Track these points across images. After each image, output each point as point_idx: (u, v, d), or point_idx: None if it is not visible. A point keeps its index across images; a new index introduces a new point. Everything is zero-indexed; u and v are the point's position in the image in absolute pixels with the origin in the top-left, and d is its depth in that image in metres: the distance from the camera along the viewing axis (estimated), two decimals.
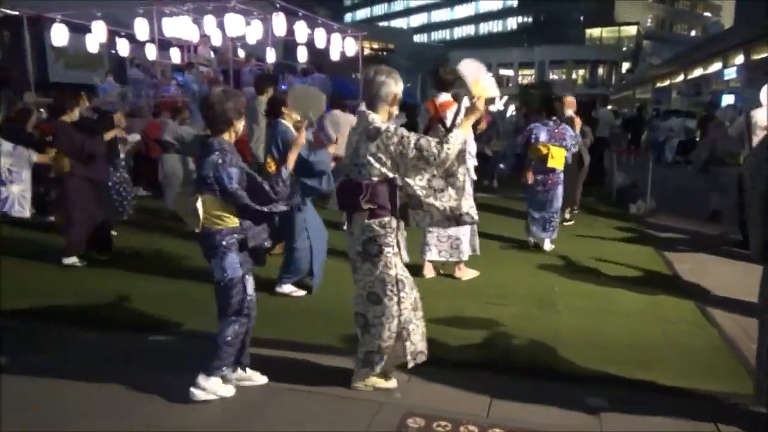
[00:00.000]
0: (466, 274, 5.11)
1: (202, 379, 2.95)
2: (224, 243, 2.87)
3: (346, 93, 14.83)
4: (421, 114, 5.22)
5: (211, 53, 11.70)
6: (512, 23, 68.21)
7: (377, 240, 2.83)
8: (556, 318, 4.18)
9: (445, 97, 4.81)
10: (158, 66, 12.29)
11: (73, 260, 5.41)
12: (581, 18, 62.03)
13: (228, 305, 2.94)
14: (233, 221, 2.89)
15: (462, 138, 2.83)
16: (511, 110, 16.89)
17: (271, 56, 12.31)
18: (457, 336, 3.78)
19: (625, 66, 56.93)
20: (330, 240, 4.81)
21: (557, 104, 6.61)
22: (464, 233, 4.97)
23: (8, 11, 15.36)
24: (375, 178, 2.79)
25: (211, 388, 2.96)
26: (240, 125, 2.95)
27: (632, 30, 59.79)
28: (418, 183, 2.82)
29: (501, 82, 51.03)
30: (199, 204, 2.83)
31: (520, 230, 6.32)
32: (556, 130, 5.92)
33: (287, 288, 4.62)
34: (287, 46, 16.08)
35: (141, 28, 11.27)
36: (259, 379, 3.16)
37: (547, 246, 6.06)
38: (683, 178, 11.89)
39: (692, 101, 30.76)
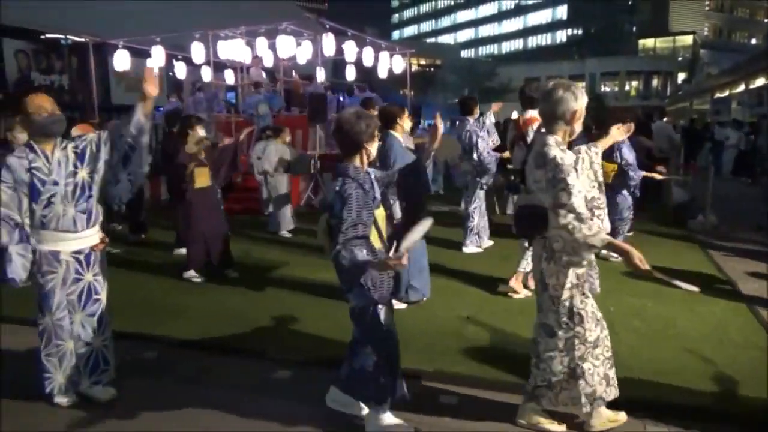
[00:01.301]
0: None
1: (333, 395, 2.95)
2: None
3: None
4: (509, 131, 5.32)
5: (263, 74, 12.03)
6: (561, 36, 67.28)
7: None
8: (615, 340, 4.01)
9: (530, 113, 4.91)
10: (213, 86, 12.73)
11: (191, 274, 5.58)
12: (634, 29, 60.63)
13: (361, 335, 2.82)
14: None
15: (601, 241, 2.51)
16: None
17: (320, 75, 12.55)
18: (509, 358, 3.69)
19: (681, 76, 55.18)
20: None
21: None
22: None
23: (75, 38, 16.30)
24: (546, 206, 2.61)
25: (346, 401, 2.94)
26: (373, 148, 2.80)
27: (688, 39, 57.99)
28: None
29: None
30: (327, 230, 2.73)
31: None
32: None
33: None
34: (336, 65, 16.39)
35: (197, 51, 11.74)
36: (388, 419, 2.93)
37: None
38: (744, 191, 11.37)
39: (754, 112, 29.44)
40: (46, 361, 3.09)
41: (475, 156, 6.23)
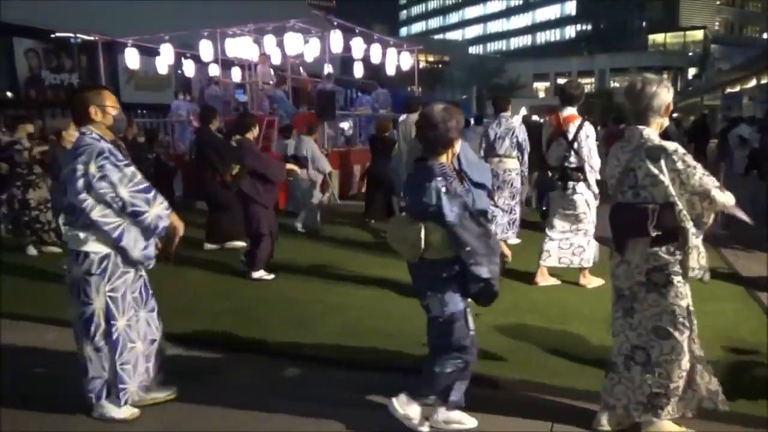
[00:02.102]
0: (591, 281, 5.11)
1: (402, 401, 2.79)
2: (445, 275, 2.65)
3: (402, 107, 14.95)
4: (545, 127, 5.35)
5: (271, 71, 12.03)
6: (570, 32, 66.95)
7: (665, 269, 2.56)
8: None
9: (569, 111, 4.94)
10: (222, 84, 12.75)
11: (261, 274, 5.60)
12: (643, 24, 60.21)
13: (448, 343, 2.70)
14: (452, 251, 2.63)
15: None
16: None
17: (328, 72, 12.55)
18: (516, 356, 3.68)
19: (692, 72, 54.74)
20: None
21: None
22: (589, 240, 4.94)
23: (85, 37, 16.39)
24: (659, 202, 2.53)
25: (411, 413, 2.78)
26: (458, 146, 2.69)
27: (699, 35, 57.51)
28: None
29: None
30: (422, 233, 2.60)
31: None
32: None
33: None
34: (344, 62, 16.39)
35: (205, 49, 11.77)
36: (468, 421, 2.87)
37: None
38: (758, 189, 11.24)
39: (766, 107, 29.15)
40: (122, 370, 2.92)
41: (517, 153, 6.46)
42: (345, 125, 12.75)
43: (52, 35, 18.49)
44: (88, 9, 17.40)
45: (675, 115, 14.90)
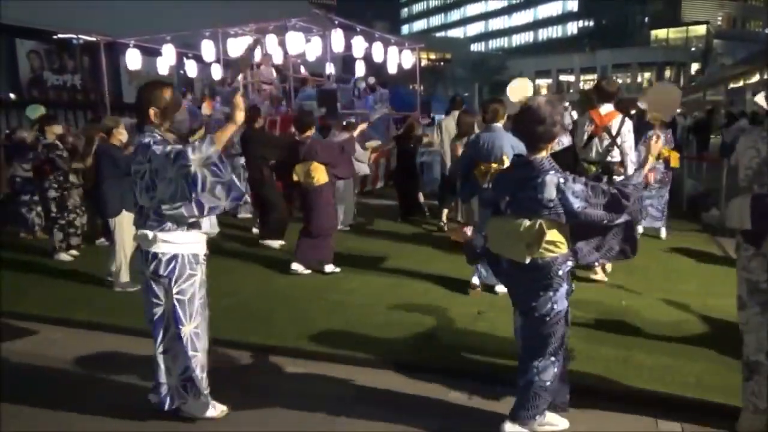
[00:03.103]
0: (599, 275, 5.23)
1: (508, 428, 2.69)
2: (560, 273, 2.58)
3: (403, 105, 14.96)
4: (580, 124, 5.47)
5: (273, 71, 12.03)
6: (572, 28, 66.74)
7: None
8: (628, 332, 4.01)
9: (608, 107, 5.10)
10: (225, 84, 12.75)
11: (332, 267, 5.77)
12: (645, 19, 60.01)
13: (548, 343, 2.63)
14: (566, 247, 2.58)
15: None
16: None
17: (329, 71, 12.56)
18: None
19: (695, 67, 54.53)
20: None
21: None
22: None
23: (87, 38, 16.44)
24: None
25: None
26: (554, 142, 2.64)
27: (701, 29, 57.26)
28: None
29: (561, 88, 50.22)
30: (539, 231, 2.52)
31: None
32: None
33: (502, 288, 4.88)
34: (345, 61, 16.37)
35: (207, 49, 11.77)
36: (560, 423, 2.81)
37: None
38: None
39: None
40: (193, 373, 2.89)
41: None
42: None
43: (55, 36, 18.54)
44: (89, 10, 17.45)
45: (678, 110, 14.86)
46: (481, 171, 4.82)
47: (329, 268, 5.77)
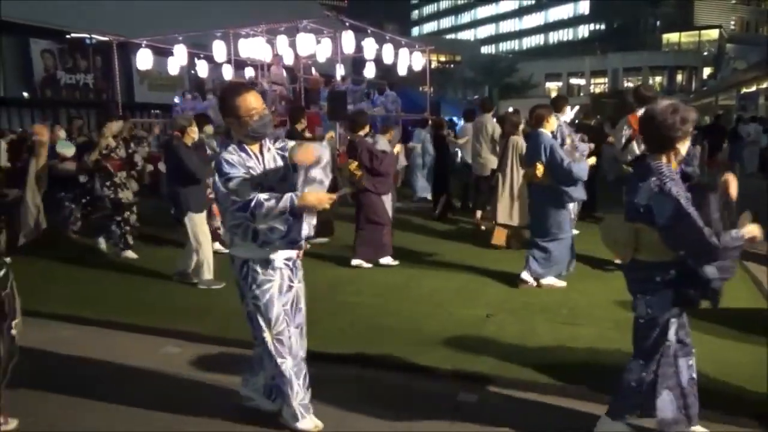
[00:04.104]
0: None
1: (605, 423, 2.70)
2: (658, 279, 2.50)
3: (413, 107, 14.96)
4: (618, 127, 5.66)
5: (284, 72, 12.09)
6: (584, 31, 66.43)
7: None
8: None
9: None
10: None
11: (389, 260, 5.95)
12: (657, 23, 59.63)
13: (640, 346, 2.63)
14: (668, 254, 2.47)
15: None
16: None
17: (340, 73, 12.59)
18: (529, 357, 3.68)
19: (707, 71, 54.13)
20: None
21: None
22: None
23: (99, 37, 16.58)
24: None
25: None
26: (683, 148, 2.49)
27: (714, 33, 56.81)
28: None
29: (572, 91, 50.03)
30: (633, 235, 2.52)
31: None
32: None
33: (551, 279, 5.12)
34: (355, 63, 16.41)
35: (219, 49, 11.84)
36: None
37: None
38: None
39: None
40: (282, 383, 2.82)
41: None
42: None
43: (68, 36, 18.71)
44: (102, 10, 17.60)
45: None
46: (527, 174, 5.10)
47: (385, 261, 5.94)
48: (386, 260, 5.97)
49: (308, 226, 2.68)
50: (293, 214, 2.58)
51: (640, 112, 5.20)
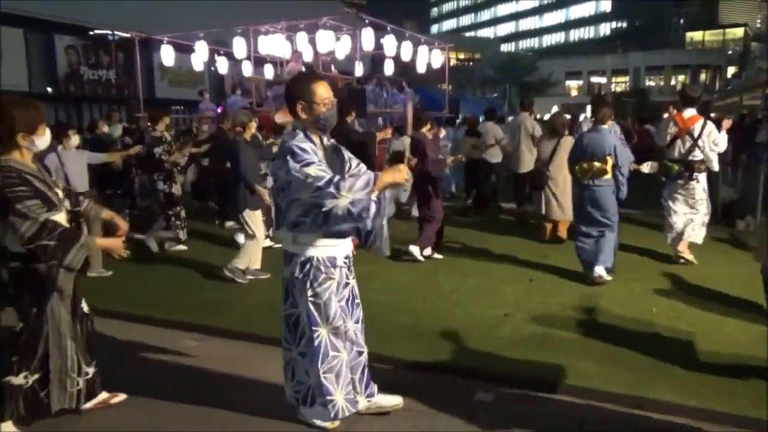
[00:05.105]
0: (691, 256, 5.83)
1: None
2: None
3: (432, 105, 14.92)
4: (662, 126, 5.93)
5: (303, 69, 12.11)
6: (605, 29, 65.74)
7: None
8: (657, 342, 3.93)
9: (691, 112, 5.60)
10: (253, 81, 12.89)
11: (428, 252, 6.16)
12: (681, 21, 58.77)
13: None
14: None
15: None
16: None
17: (359, 70, 12.58)
18: (546, 357, 3.65)
19: (731, 71, 53.18)
20: None
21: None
22: (703, 221, 5.88)
23: (122, 34, 16.80)
24: None
25: None
26: None
27: (739, 32, 55.86)
28: None
29: (592, 90, 49.46)
30: None
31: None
32: None
33: (601, 270, 5.18)
34: (374, 60, 16.40)
35: (239, 46, 11.91)
36: None
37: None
38: None
39: None
40: (324, 379, 2.74)
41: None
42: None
43: (91, 32, 18.98)
44: (125, 7, 17.82)
45: (713, 115, 14.52)
46: (583, 168, 5.20)
47: (428, 252, 6.18)
48: (427, 252, 6.22)
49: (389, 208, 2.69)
50: (351, 218, 2.54)
51: (687, 111, 5.59)
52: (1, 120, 2.67)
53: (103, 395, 3.11)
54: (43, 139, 2.82)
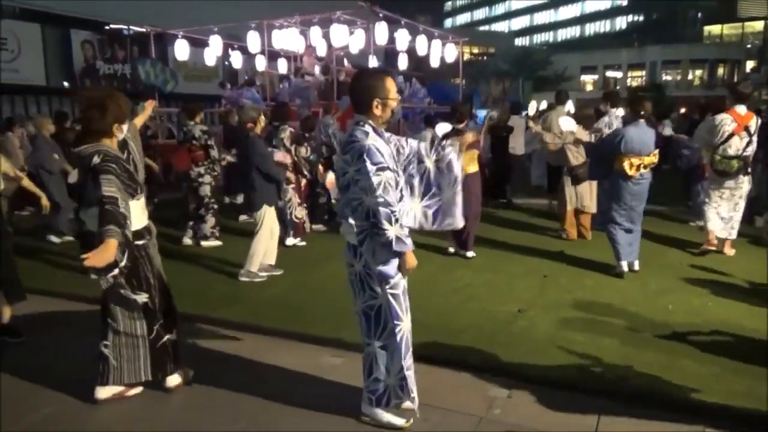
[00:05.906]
0: (732, 252, 6.05)
1: None
2: None
3: (445, 99, 14.85)
4: (712, 123, 5.84)
5: (316, 63, 12.13)
6: (621, 23, 64.89)
7: None
8: (673, 338, 3.90)
9: (743, 108, 5.71)
10: (267, 75, 12.93)
11: (471, 253, 6.13)
12: (699, 15, 57.88)
13: None
14: None
15: None
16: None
17: (372, 64, 12.56)
18: (560, 354, 3.63)
19: (750, 65, 52.30)
20: None
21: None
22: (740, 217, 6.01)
23: (137, 28, 16.90)
24: None
25: None
26: None
27: (758, 25, 54.82)
28: None
29: (607, 84, 48.93)
30: None
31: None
32: None
33: (625, 266, 5.32)
34: (388, 54, 16.36)
35: (253, 40, 11.95)
36: None
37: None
38: None
39: None
40: (408, 376, 2.75)
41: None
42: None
43: (107, 27, 19.11)
44: (140, 2, 17.92)
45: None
46: (633, 164, 5.19)
47: (469, 253, 6.12)
48: (470, 253, 6.17)
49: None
50: (389, 248, 2.56)
51: (740, 108, 5.69)
52: (104, 113, 2.87)
53: (120, 387, 3.15)
54: (124, 128, 3.03)
